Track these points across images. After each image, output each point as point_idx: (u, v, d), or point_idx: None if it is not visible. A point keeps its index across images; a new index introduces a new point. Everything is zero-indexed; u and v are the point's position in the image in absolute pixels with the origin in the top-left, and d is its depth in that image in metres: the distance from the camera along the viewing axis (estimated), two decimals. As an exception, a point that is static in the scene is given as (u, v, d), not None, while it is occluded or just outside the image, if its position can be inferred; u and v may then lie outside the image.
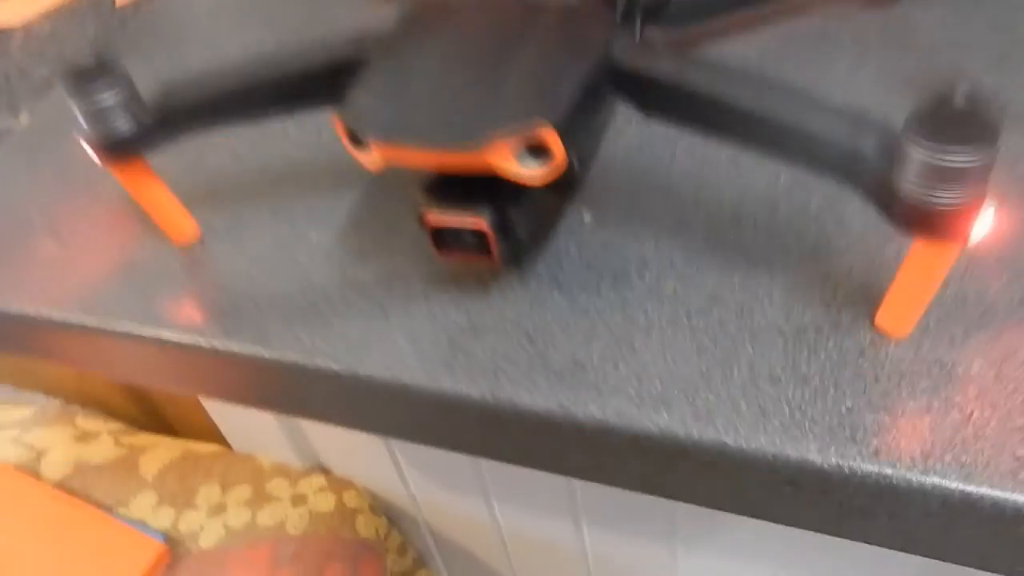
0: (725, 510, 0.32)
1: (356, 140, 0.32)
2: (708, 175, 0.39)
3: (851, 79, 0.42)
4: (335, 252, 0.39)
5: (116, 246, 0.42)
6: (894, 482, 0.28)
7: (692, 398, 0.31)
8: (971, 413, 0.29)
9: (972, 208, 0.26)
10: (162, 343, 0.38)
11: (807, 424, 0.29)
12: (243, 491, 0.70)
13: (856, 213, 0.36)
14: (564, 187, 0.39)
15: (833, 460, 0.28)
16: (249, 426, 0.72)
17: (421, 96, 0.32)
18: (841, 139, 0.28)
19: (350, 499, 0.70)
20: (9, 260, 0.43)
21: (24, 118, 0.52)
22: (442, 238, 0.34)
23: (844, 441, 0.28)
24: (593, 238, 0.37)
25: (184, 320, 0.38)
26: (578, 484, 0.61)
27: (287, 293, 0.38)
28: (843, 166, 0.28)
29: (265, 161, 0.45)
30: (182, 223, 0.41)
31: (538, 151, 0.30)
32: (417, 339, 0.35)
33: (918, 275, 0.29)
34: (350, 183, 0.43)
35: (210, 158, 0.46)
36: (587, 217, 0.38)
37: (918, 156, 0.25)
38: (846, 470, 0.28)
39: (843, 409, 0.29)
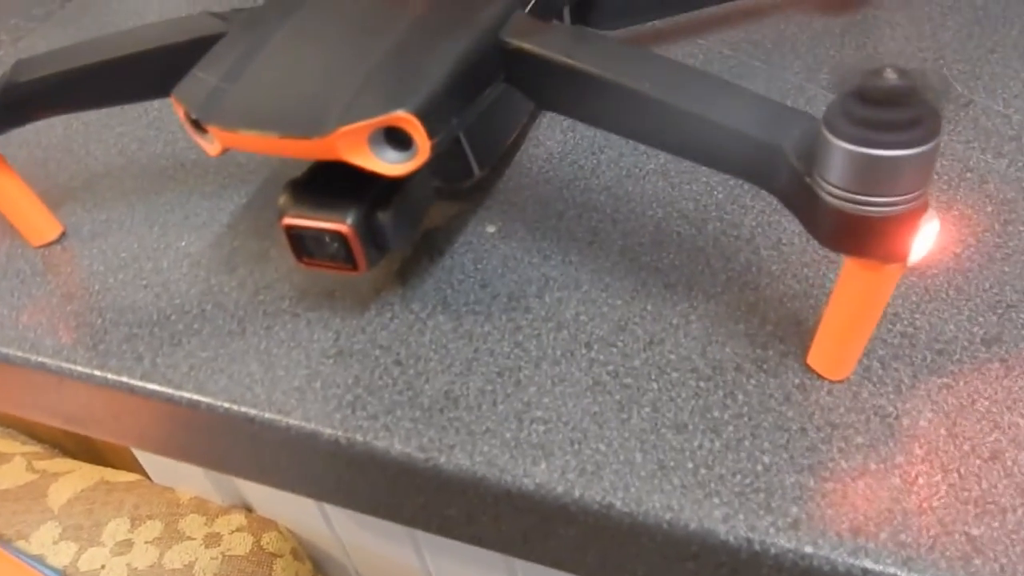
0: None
1: (195, 124, 0.27)
2: (633, 189, 0.34)
3: (804, 86, 0.37)
4: (202, 260, 0.34)
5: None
6: (815, 564, 0.22)
7: (579, 446, 0.25)
8: (915, 478, 0.23)
9: (911, 216, 0.20)
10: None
11: (713, 484, 0.24)
12: (153, 528, 0.64)
13: (796, 235, 0.30)
14: (461, 192, 0.34)
15: (741, 532, 0.23)
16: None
17: (269, 78, 0.26)
18: (755, 131, 0.22)
19: (270, 542, 0.64)
20: None
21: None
22: (302, 243, 0.28)
23: (756, 508, 0.23)
24: (494, 252, 0.32)
25: (20, 332, 0.32)
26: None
27: (139, 304, 0.32)
28: (758, 164, 0.23)
29: (151, 160, 0.40)
30: (39, 222, 0.36)
31: (402, 141, 0.25)
32: (272, 363, 0.29)
33: (852, 303, 0.23)
34: (238, 186, 0.37)
35: (96, 154, 0.41)
36: (491, 228, 0.33)
37: (840, 147, 0.20)
38: (756, 546, 0.22)
39: (759, 467, 0.24)
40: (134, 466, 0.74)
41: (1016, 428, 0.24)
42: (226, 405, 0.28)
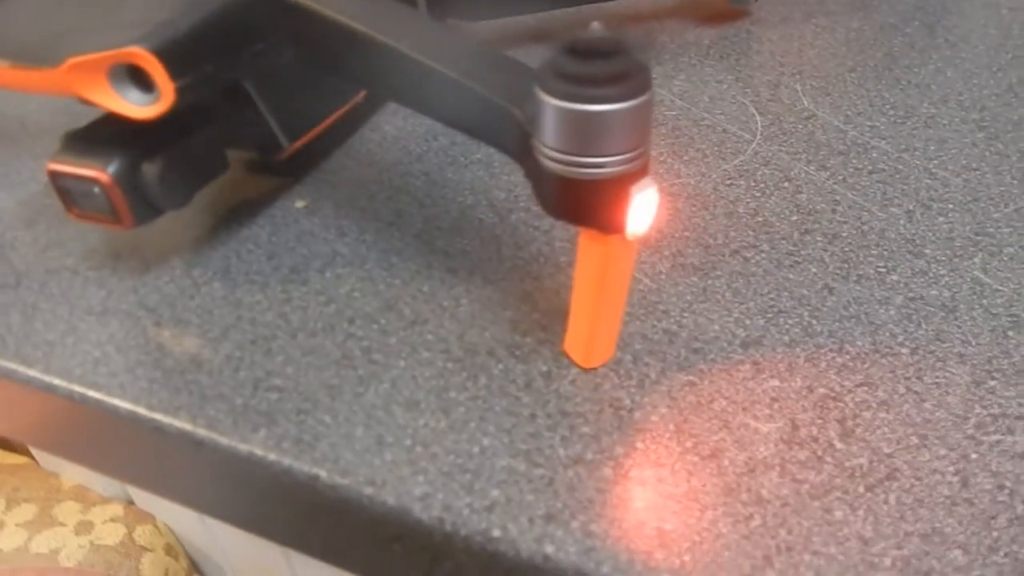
0: (343, 568, 0.25)
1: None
2: (452, 176, 0.33)
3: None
4: (4, 216, 0.33)
5: None
6: (501, 549, 0.21)
7: (303, 416, 0.24)
8: (627, 470, 0.22)
9: (623, 180, 0.19)
10: None
11: (424, 463, 0.22)
12: (27, 511, 0.63)
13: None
14: (277, 167, 0.33)
15: (435, 512, 0.21)
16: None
17: (24, 14, 0.26)
18: (492, 92, 0.21)
19: (142, 535, 0.63)
20: None
21: None
22: (68, 193, 0.27)
23: (458, 488, 0.22)
24: (294, 226, 0.31)
25: None
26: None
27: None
28: (494, 125, 0.22)
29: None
30: None
31: (146, 83, 0.24)
32: (33, 316, 0.28)
33: (587, 281, 0.22)
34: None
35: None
36: (300, 203, 0.32)
37: (550, 103, 0.19)
38: (448, 526, 0.21)
39: (475, 449, 0.23)
40: (22, 448, 0.72)
41: (744, 429, 0.22)
42: (-26, 353, 0.27)
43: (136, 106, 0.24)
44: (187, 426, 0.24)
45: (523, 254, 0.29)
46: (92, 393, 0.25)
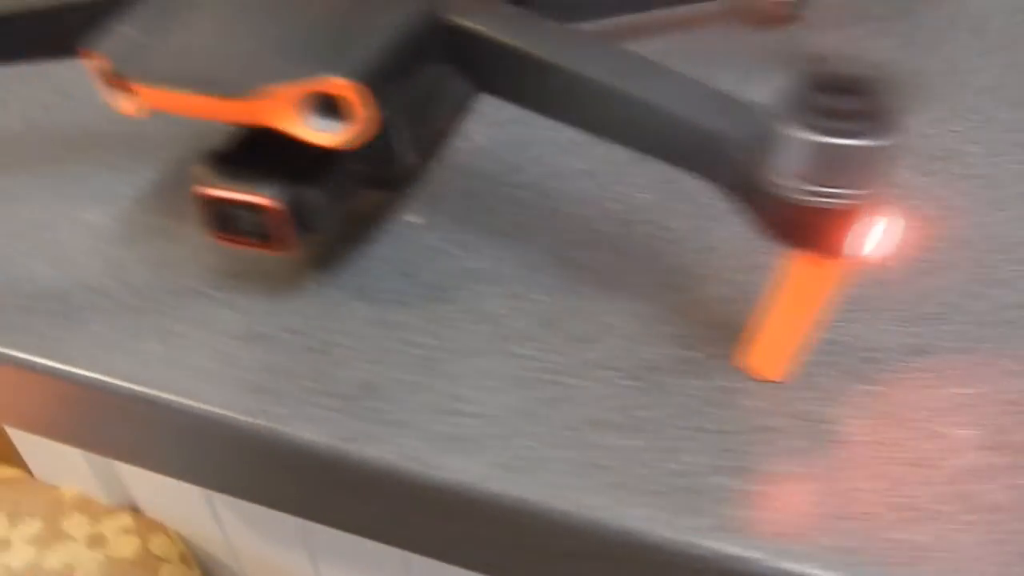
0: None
1: (115, 80, 0.25)
2: (559, 187, 0.33)
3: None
4: (105, 233, 0.32)
5: None
6: (738, 567, 0.21)
7: (504, 441, 0.24)
8: (841, 483, 0.23)
9: (865, 208, 0.20)
10: None
11: (637, 483, 0.23)
12: (33, 525, 0.61)
13: (722, 240, 0.30)
14: (392, 181, 0.33)
15: (663, 532, 0.22)
16: (52, 450, 0.63)
17: (199, 36, 0.25)
18: (699, 118, 0.22)
19: (157, 546, 0.62)
20: None
21: None
22: (219, 217, 0.27)
23: (679, 509, 0.22)
24: (416, 242, 0.31)
25: None
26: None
27: (36, 276, 0.30)
28: (702, 153, 0.22)
29: (56, 128, 0.38)
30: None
31: (335, 110, 0.23)
32: (173, 342, 0.27)
33: (793, 300, 0.23)
34: (147, 161, 0.35)
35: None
36: (414, 218, 0.32)
37: (795, 135, 0.19)
38: (678, 546, 0.22)
39: (682, 468, 0.23)
40: (12, 460, 0.70)
41: (942, 437, 0.23)
42: (123, 384, 0.26)
43: (322, 133, 0.24)
44: (391, 457, 0.24)
45: (659, 266, 0.29)
46: (265, 422, 0.25)
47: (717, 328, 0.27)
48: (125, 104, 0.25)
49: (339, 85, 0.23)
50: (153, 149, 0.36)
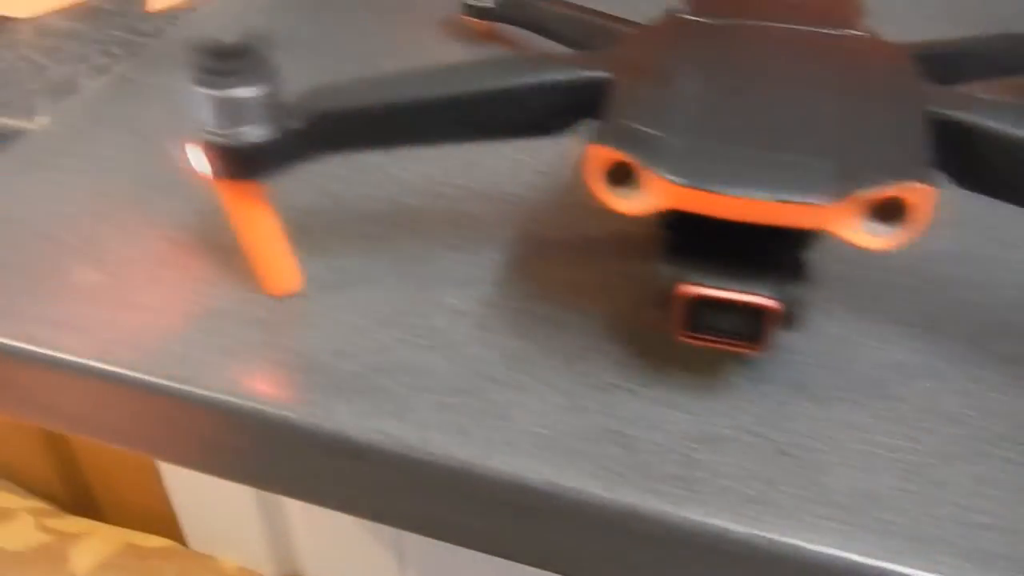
0: None
1: (619, 176, 0.24)
2: (954, 272, 0.32)
3: None
4: (484, 321, 0.31)
5: (183, 286, 0.32)
6: None
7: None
8: None
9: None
10: (262, 419, 0.28)
11: None
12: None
13: None
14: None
15: None
16: (215, 516, 0.61)
17: (720, 132, 0.24)
18: None
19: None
20: (35, 290, 0.32)
21: (42, 120, 0.41)
22: (695, 316, 0.25)
23: None
24: (821, 334, 0.30)
25: (288, 388, 0.28)
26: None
27: (432, 367, 0.29)
28: None
29: (369, 206, 0.36)
30: (285, 268, 0.31)
31: (887, 214, 0.22)
32: (632, 445, 0.26)
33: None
34: (483, 241, 0.34)
35: (298, 196, 0.37)
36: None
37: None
38: None
39: None
40: (153, 527, 0.67)
41: None
42: (600, 494, 0.25)
43: (879, 238, 0.23)
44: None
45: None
46: (765, 534, 0.24)
47: None
48: (626, 203, 0.24)
49: (917, 191, 0.22)
50: (484, 228, 0.35)
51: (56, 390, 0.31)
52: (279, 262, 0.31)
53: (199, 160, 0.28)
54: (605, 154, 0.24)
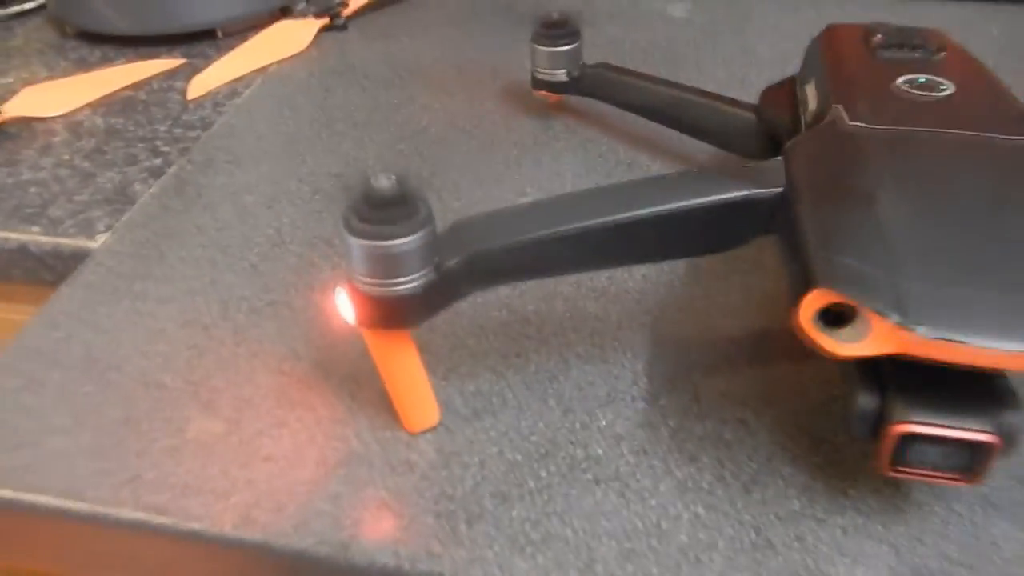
0: None
1: (835, 317, 0.23)
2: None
3: None
4: (646, 447, 0.29)
5: (312, 428, 0.30)
6: None
7: None
8: None
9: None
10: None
11: None
12: None
13: None
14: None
15: None
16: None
17: (954, 270, 0.23)
18: None
19: None
20: (150, 450, 0.30)
21: (104, 238, 0.39)
22: (905, 450, 0.24)
23: None
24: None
25: (459, 546, 0.27)
26: None
27: (601, 506, 0.27)
28: None
29: (485, 314, 0.35)
30: (427, 403, 0.30)
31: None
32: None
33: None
34: (607, 353, 0.33)
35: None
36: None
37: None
38: None
39: None
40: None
41: None
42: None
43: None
44: None
45: None
46: None
47: None
48: (845, 347, 0.23)
49: None
50: (610, 331, 0.34)
51: (187, 565, 0.29)
52: (422, 399, 0.30)
53: (345, 306, 0.27)
54: (827, 297, 0.22)
